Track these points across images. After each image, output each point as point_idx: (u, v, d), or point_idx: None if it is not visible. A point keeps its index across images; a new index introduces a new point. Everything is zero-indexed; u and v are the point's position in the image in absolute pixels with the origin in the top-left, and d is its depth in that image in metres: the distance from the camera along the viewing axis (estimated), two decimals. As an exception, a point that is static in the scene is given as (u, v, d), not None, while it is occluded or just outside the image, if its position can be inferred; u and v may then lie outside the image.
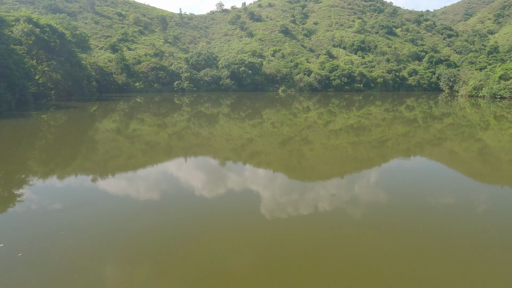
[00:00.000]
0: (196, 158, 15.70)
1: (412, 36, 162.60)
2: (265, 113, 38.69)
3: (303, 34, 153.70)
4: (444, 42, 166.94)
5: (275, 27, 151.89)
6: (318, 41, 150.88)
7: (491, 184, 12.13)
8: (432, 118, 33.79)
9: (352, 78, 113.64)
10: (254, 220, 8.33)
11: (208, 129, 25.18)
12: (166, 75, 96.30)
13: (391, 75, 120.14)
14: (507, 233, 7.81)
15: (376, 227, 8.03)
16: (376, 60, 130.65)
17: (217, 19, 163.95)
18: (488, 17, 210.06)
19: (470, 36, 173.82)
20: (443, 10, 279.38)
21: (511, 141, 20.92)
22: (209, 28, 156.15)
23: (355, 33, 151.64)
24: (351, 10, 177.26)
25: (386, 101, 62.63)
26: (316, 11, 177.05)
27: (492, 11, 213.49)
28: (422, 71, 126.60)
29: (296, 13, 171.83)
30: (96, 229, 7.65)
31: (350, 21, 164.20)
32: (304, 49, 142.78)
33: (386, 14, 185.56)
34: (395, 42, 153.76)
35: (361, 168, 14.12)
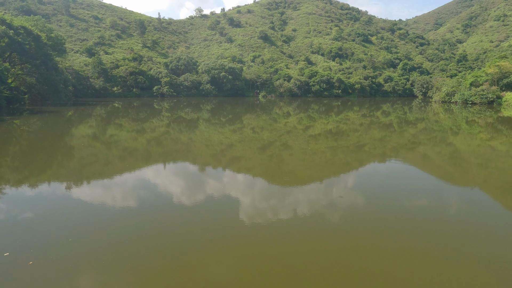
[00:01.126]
0: (175, 164, 15.51)
1: (387, 44, 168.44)
2: (246, 118, 38.80)
3: (282, 41, 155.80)
4: (416, 50, 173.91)
5: (255, 33, 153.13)
6: (297, 47, 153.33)
7: (462, 186, 12.69)
8: (406, 123, 35.00)
9: (330, 84, 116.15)
10: (233, 226, 8.32)
11: (187, 135, 24.96)
12: (145, 80, 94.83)
13: (368, 81, 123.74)
14: (476, 231, 8.19)
15: (354, 230, 8.21)
16: (353, 66, 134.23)
17: (196, 24, 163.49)
18: (456, 27, 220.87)
19: (440, 45, 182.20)
20: (414, 19, 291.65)
21: (480, 145, 21.98)
22: (188, 33, 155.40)
23: (332, 40, 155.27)
24: (328, 18, 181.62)
25: (363, 106, 64.29)
26: (294, 18, 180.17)
27: (460, 21, 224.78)
28: (397, 78, 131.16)
29: (275, 19, 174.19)
30: (68, 239, 7.40)
31: (328, 29, 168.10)
32: (284, 55, 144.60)
33: (362, 22, 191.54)
34: (371, 49, 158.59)
35: (339, 172, 14.42)
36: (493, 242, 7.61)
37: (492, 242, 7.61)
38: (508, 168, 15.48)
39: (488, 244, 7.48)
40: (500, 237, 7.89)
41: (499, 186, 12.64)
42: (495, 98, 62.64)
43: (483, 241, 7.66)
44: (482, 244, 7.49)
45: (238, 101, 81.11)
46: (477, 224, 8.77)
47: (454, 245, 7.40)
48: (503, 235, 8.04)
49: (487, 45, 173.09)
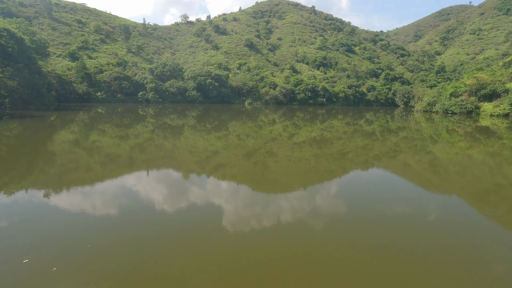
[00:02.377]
0: (158, 171, 15.34)
1: (369, 54, 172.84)
2: (231, 125, 38.83)
3: (268, 49, 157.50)
4: (397, 61, 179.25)
5: (240, 41, 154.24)
6: (282, 56, 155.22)
7: (441, 194, 13.08)
8: (389, 131, 35.85)
9: (315, 92, 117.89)
10: (217, 234, 8.28)
11: (172, 141, 24.76)
12: (130, 85, 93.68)
13: (352, 90, 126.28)
14: (455, 237, 8.46)
15: (337, 237, 8.34)
16: (337, 75, 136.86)
17: (181, 30, 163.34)
18: (435, 39, 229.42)
19: (420, 56, 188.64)
20: (395, 31, 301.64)
21: (458, 153, 22.74)
22: (173, 40, 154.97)
23: (317, 50, 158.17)
24: (313, 27, 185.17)
25: (347, 115, 65.46)
26: (279, 27, 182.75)
27: (438, 34, 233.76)
28: (379, 87, 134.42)
29: (260, 28, 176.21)
30: (47, 247, 7.20)
31: (312, 38, 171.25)
32: (269, 63, 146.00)
33: (345, 33, 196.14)
34: (354, 59, 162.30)
35: (323, 180, 14.61)
36: (468, 247, 7.88)
37: (468, 247, 7.87)
38: (484, 175, 16.08)
39: (464, 249, 7.74)
40: (475, 242, 8.18)
41: (475, 193, 13.11)
42: (474, 108, 65.08)
43: (460, 246, 7.92)
44: (459, 249, 7.73)
45: (224, 108, 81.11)
46: (455, 230, 9.05)
47: (433, 251, 7.61)
48: (478, 240, 8.34)
49: (463, 57, 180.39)
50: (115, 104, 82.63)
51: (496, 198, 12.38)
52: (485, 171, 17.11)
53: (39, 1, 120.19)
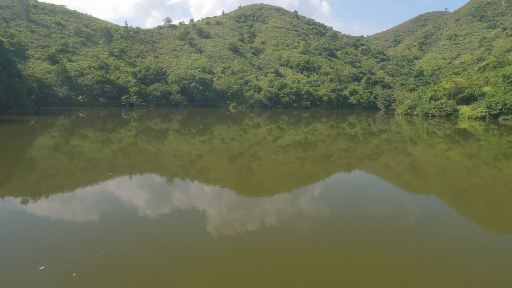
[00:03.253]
0: (141, 175, 15.10)
1: (351, 58, 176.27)
2: (216, 129, 38.71)
3: (252, 53, 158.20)
4: (378, 65, 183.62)
5: (224, 45, 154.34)
6: (266, 59, 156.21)
7: (420, 194, 13.44)
8: (371, 134, 36.59)
9: (299, 96, 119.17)
10: (201, 238, 8.22)
11: (156, 145, 24.44)
12: (112, 89, 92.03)
13: (335, 94, 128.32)
14: (434, 236, 8.70)
15: (321, 239, 8.42)
16: (320, 79, 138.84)
17: (165, 34, 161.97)
18: (413, 44, 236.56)
19: (399, 61, 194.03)
20: (375, 36, 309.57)
21: (436, 155, 23.43)
22: (156, 43, 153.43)
23: (300, 54, 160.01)
24: (295, 32, 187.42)
25: (331, 118, 66.40)
26: (263, 31, 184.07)
27: (417, 39, 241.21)
28: (361, 91, 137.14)
29: (244, 32, 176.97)
30: (23, 257, 6.96)
31: (295, 42, 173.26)
32: (253, 67, 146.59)
33: (327, 37, 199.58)
34: (336, 63, 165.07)
35: (307, 182, 14.75)
36: (447, 247, 8.12)
37: (447, 247, 8.11)
38: (461, 176, 16.64)
39: (444, 248, 7.97)
40: (454, 241, 8.44)
41: (453, 194, 13.53)
42: (453, 111, 67.36)
43: (440, 246, 8.14)
44: (439, 248, 7.96)
45: (208, 111, 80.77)
46: (434, 230, 9.31)
47: (413, 251, 7.80)
48: (457, 239, 8.61)
49: (441, 62, 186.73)
50: (97, 108, 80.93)
51: (473, 198, 12.82)
52: (462, 172, 17.71)
53: (16, 3, 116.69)
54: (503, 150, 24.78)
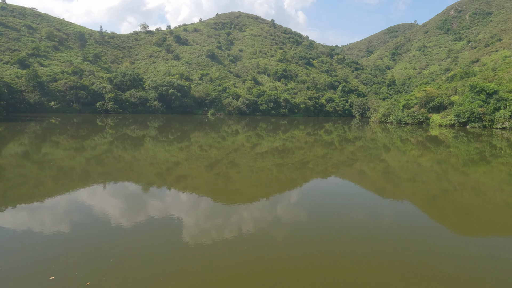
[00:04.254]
0: (116, 184, 14.69)
1: (327, 67, 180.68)
2: (194, 136, 38.35)
3: (229, 60, 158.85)
4: (353, 74, 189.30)
5: (202, 52, 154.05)
6: (244, 67, 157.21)
7: (393, 200, 13.87)
8: (346, 141, 37.46)
9: (277, 103, 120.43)
10: (177, 248, 8.08)
11: (132, 153, 23.86)
12: (87, 95, 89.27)
13: (312, 101, 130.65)
14: (407, 240, 8.98)
15: (298, 245, 8.49)
16: (298, 87, 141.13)
17: (141, 40, 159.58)
18: (385, 55, 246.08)
19: (372, 70, 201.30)
20: (349, 46, 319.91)
21: (408, 161, 24.30)
22: (132, 49, 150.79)
23: (277, 62, 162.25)
24: (273, 40, 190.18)
25: (308, 125, 67.43)
26: (240, 39, 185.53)
27: (388, 50, 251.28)
28: (337, 99, 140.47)
29: (221, 39, 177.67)
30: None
31: (273, 51, 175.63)
32: (231, 74, 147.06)
33: (304, 46, 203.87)
34: (313, 72, 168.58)
35: (284, 189, 14.86)
36: (419, 249, 8.40)
37: (418, 249, 8.40)
38: (432, 182, 17.32)
39: (416, 251, 8.25)
40: (425, 244, 8.75)
41: (424, 199, 14.04)
42: (424, 119, 70.32)
43: (412, 248, 8.42)
44: (411, 251, 8.22)
45: (186, 118, 79.96)
46: (406, 233, 9.61)
47: (387, 254, 8.02)
48: (428, 242, 8.93)
49: (411, 72, 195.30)
50: (70, 114, 78.15)
51: (443, 202, 13.36)
52: (433, 178, 18.44)
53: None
54: (471, 156, 26.06)
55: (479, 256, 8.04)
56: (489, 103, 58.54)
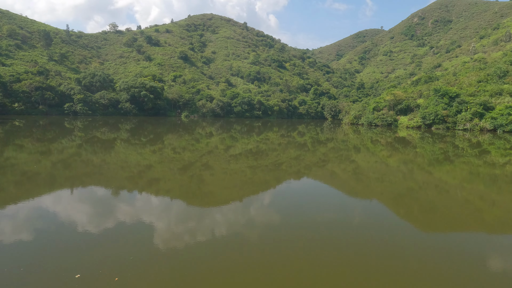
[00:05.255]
0: (84, 188, 14.16)
1: (299, 70, 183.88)
2: (167, 138, 37.70)
3: (202, 62, 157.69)
4: (324, 77, 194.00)
5: (174, 53, 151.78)
6: (217, 69, 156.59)
7: (363, 199, 14.37)
8: (319, 143, 38.29)
9: (251, 105, 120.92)
10: (147, 253, 7.93)
11: (102, 156, 23.07)
12: (54, 96, 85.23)
13: (285, 104, 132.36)
14: (376, 237, 9.34)
15: (272, 247, 8.60)
16: (271, 90, 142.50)
17: (110, 39, 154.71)
18: (354, 59, 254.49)
19: (342, 74, 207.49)
20: (319, 49, 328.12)
21: (377, 162, 25.25)
22: (101, 49, 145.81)
23: (250, 64, 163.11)
24: (245, 43, 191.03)
25: (282, 127, 68.19)
26: (213, 41, 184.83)
27: (357, 54, 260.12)
28: (309, 102, 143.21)
29: (194, 41, 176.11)
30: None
31: (246, 53, 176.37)
32: (204, 76, 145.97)
33: (276, 49, 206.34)
34: (285, 74, 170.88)
35: (258, 191, 14.98)
36: (387, 246, 8.78)
37: (387, 246, 8.77)
38: (399, 181, 18.13)
39: (384, 248, 8.61)
40: (393, 241, 9.16)
41: (392, 197, 14.68)
42: (393, 121, 73.41)
43: (381, 246, 8.78)
44: (380, 248, 8.58)
45: (159, 120, 78.35)
46: (375, 231, 10.00)
47: (357, 252, 8.31)
48: (395, 239, 9.35)
49: (378, 76, 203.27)
50: (36, 116, 74.30)
51: (409, 200, 14.03)
52: (400, 177, 19.30)
53: None
54: (436, 156, 27.48)
55: (442, 251, 8.50)
56: (452, 106, 62.13)
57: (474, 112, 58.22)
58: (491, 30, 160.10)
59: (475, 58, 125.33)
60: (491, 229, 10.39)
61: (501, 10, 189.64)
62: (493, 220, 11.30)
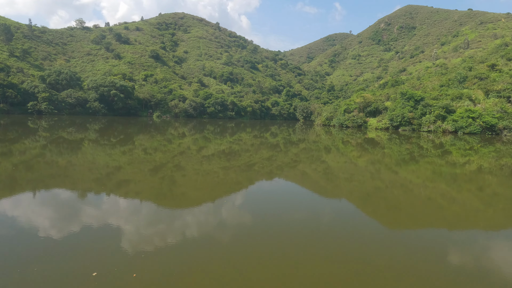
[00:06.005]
0: (47, 191, 13.49)
1: (271, 72, 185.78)
2: (138, 139, 36.72)
3: (174, 61, 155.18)
4: (295, 79, 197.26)
5: (145, 52, 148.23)
6: (189, 69, 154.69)
7: (332, 198, 14.79)
8: (291, 143, 38.86)
9: (225, 106, 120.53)
10: (115, 258, 7.73)
11: (67, 157, 22.07)
12: (16, 94, 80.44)
13: (258, 105, 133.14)
14: (344, 235, 9.66)
15: (243, 248, 8.65)
16: (244, 90, 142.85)
17: (77, 36, 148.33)
18: (324, 62, 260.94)
19: (313, 76, 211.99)
20: (291, 52, 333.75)
21: (346, 162, 26.03)
22: (67, 45, 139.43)
23: (223, 65, 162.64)
24: (218, 43, 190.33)
25: (255, 128, 68.48)
26: (185, 40, 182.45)
27: (327, 57, 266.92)
28: (282, 103, 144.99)
29: (166, 40, 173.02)
30: None
31: (218, 54, 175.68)
32: (176, 76, 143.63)
33: (249, 50, 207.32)
34: (258, 76, 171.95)
35: (230, 192, 14.99)
36: (355, 244, 9.11)
37: (354, 244, 9.10)
38: (366, 180, 18.80)
39: (352, 246, 8.92)
40: (360, 239, 9.51)
41: (360, 196, 15.20)
42: (363, 123, 76.00)
43: (348, 243, 9.08)
44: (347, 246, 8.88)
45: (130, 120, 76.09)
46: (344, 230, 10.34)
47: (326, 250, 8.56)
48: (363, 237, 9.72)
49: (347, 78, 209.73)
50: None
51: (376, 199, 14.58)
52: (368, 177, 20.02)
53: None
54: (402, 157, 28.75)
55: (407, 247, 8.95)
56: (417, 109, 65.38)
57: (437, 115, 61.58)
58: (451, 37, 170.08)
59: (437, 63, 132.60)
60: (450, 225, 11.04)
61: (460, 18, 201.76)
62: (453, 216, 12.02)
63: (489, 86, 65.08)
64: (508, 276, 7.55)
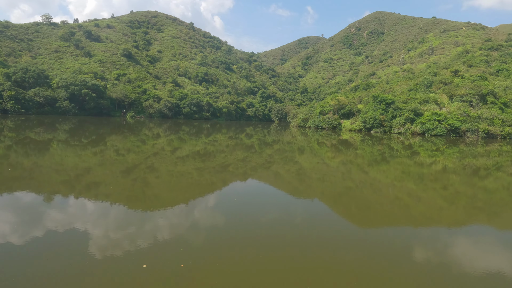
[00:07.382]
0: (9, 195, 12.83)
1: (246, 73, 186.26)
2: (110, 139, 35.64)
3: (148, 61, 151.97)
4: (270, 80, 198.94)
5: (117, 50, 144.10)
6: (163, 69, 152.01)
7: (305, 199, 15.11)
8: (265, 144, 39.17)
9: (200, 107, 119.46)
10: (80, 263, 7.52)
11: (34, 159, 21.05)
12: (-22, 93, 75.38)
13: (234, 106, 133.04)
14: (315, 234, 9.92)
15: (217, 249, 8.68)
16: (219, 91, 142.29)
17: (44, 32, 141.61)
18: (297, 64, 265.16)
19: (287, 78, 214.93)
20: (264, 53, 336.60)
21: (319, 162, 26.62)
22: (33, 41, 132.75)
23: (198, 65, 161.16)
24: (192, 43, 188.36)
25: (230, 129, 68.35)
26: (159, 39, 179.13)
27: (300, 60, 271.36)
28: (257, 104, 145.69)
29: (138, 38, 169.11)
30: None
31: (193, 54, 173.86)
32: (150, 75, 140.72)
33: (223, 51, 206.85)
34: (233, 77, 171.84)
35: (204, 193, 14.93)
36: (325, 242, 9.38)
37: (324, 242, 9.37)
38: (338, 181, 19.35)
39: (322, 243, 9.19)
40: (331, 238, 9.81)
41: (332, 196, 15.63)
42: (337, 124, 78.00)
43: (319, 242, 9.35)
44: (319, 244, 9.14)
45: (102, 121, 73.55)
46: (316, 229, 10.61)
47: (299, 249, 8.77)
48: (334, 235, 10.03)
49: (320, 81, 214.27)
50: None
51: (347, 199, 15.06)
52: (339, 177, 20.61)
53: None
54: (374, 157, 29.79)
55: (376, 245, 9.33)
56: (388, 112, 68.08)
57: (406, 118, 64.46)
58: (417, 44, 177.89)
59: (404, 68, 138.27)
60: (416, 223, 11.62)
61: (425, 26, 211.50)
62: (418, 214, 12.64)
63: (453, 90, 68.90)
64: (467, 269, 8.11)
